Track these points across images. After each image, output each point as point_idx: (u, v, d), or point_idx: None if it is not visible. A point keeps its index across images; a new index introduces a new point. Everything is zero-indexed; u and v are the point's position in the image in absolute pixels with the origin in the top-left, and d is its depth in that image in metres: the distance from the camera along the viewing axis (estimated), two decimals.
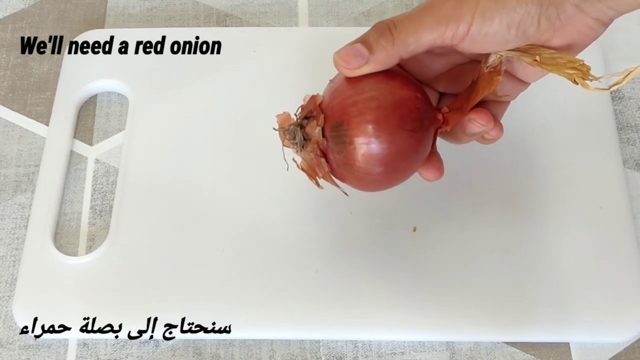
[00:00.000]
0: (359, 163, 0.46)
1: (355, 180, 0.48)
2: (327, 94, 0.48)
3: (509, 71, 0.48)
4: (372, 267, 0.54)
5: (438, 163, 0.50)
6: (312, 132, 0.47)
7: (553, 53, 0.46)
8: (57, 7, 0.68)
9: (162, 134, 0.60)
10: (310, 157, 0.48)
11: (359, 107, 0.46)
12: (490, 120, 0.48)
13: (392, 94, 0.46)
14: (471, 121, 0.48)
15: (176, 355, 0.53)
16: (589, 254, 0.54)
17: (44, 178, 0.58)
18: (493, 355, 0.52)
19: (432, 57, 0.49)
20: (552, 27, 0.45)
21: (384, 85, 0.46)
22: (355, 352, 0.53)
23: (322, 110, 0.47)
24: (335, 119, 0.46)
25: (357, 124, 0.46)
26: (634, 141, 0.60)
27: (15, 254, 0.57)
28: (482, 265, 0.54)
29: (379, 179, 0.48)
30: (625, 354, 0.52)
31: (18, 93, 0.64)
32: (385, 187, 0.49)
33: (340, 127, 0.46)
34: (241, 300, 0.53)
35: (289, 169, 0.49)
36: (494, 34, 0.45)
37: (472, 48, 0.46)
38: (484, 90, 0.47)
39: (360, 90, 0.46)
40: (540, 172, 0.57)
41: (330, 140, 0.47)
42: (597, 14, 0.45)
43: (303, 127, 0.47)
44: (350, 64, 0.46)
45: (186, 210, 0.57)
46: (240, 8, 0.67)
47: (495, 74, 0.47)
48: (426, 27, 0.45)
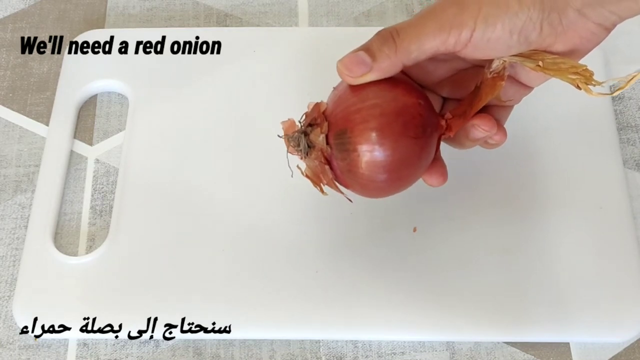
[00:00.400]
0: (362, 170, 0.46)
1: (359, 187, 0.48)
2: (330, 101, 0.48)
3: (512, 76, 0.48)
4: (372, 267, 0.54)
5: (442, 169, 0.50)
6: (316, 140, 0.47)
7: (556, 58, 0.46)
8: (57, 7, 0.68)
9: (162, 134, 0.60)
10: (314, 164, 0.48)
11: (362, 115, 0.46)
12: (494, 126, 0.48)
13: (395, 101, 0.46)
14: (474, 127, 0.48)
15: (176, 355, 0.53)
16: (589, 254, 0.54)
17: (44, 178, 0.58)
18: (493, 355, 0.52)
19: (435, 63, 0.49)
20: (554, 33, 0.45)
21: (387, 93, 0.46)
22: (355, 352, 0.53)
23: (325, 118, 0.47)
24: (338, 126, 0.47)
25: (361, 131, 0.46)
26: (634, 141, 0.60)
27: (15, 254, 0.57)
28: (482, 265, 0.54)
29: (383, 186, 0.48)
30: (625, 354, 0.52)
31: (18, 93, 0.64)
32: (389, 194, 0.49)
33: (344, 134, 0.46)
34: (241, 300, 0.53)
35: (293, 175, 0.50)
36: (496, 39, 0.45)
37: (475, 54, 0.46)
38: (487, 96, 0.47)
39: (363, 97, 0.46)
40: (540, 172, 0.57)
41: (334, 147, 0.47)
42: (599, 19, 0.45)
43: (307, 134, 0.47)
44: (354, 72, 0.46)
45: (186, 210, 0.57)
46: (240, 8, 0.67)
47: (498, 79, 0.47)
48: (429, 34, 0.45)
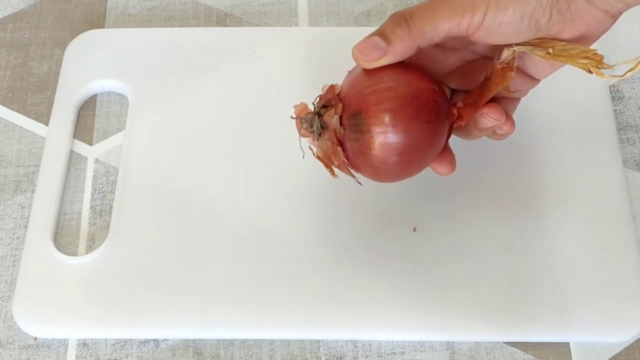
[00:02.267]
0: (375, 152, 0.47)
1: (370, 169, 0.48)
2: (345, 84, 0.48)
3: (520, 67, 0.49)
4: (372, 267, 0.54)
5: (451, 157, 0.50)
6: (329, 121, 0.47)
7: (565, 45, 0.46)
8: (57, 7, 0.68)
9: (162, 134, 0.60)
10: (326, 146, 0.48)
11: (377, 97, 0.47)
12: (503, 115, 0.49)
13: (409, 85, 0.47)
14: (484, 116, 0.49)
15: (176, 355, 0.53)
16: (589, 254, 0.54)
17: (44, 178, 0.58)
18: (493, 355, 0.52)
19: (445, 53, 0.50)
20: (562, 19, 0.46)
21: (401, 77, 0.47)
22: (355, 352, 0.53)
23: (340, 100, 0.48)
24: (353, 107, 0.47)
25: (375, 112, 0.46)
26: (634, 141, 0.60)
27: (15, 254, 0.57)
28: (482, 265, 0.54)
29: (394, 169, 0.48)
30: (625, 354, 0.52)
31: (18, 93, 0.64)
32: (399, 178, 0.50)
33: (359, 115, 0.47)
34: (241, 300, 0.53)
35: (304, 156, 0.50)
36: (507, 23, 0.46)
37: (486, 38, 0.47)
38: (497, 86, 0.48)
39: (378, 80, 0.47)
40: (540, 172, 0.57)
41: (348, 128, 0.47)
42: (606, 7, 0.46)
43: (321, 115, 0.48)
44: (369, 56, 0.47)
45: (186, 210, 0.57)
46: (240, 8, 0.67)
47: (507, 69, 0.47)
48: (442, 17, 0.46)
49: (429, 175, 0.53)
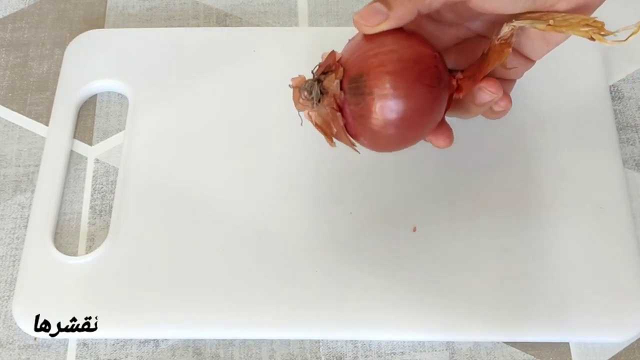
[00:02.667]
0: (376, 115, 0.47)
1: (369, 135, 0.48)
2: (346, 51, 0.49)
3: (516, 48, 0.49)
4: (372, 267, 0.54)
5: (448, 131, 0.51)
6: (329, 86, 0.47)
7: (565, 15, 0.47)
8: (57, 7, 0.68)
9: (162, 133, 0.60)
10: (325, 112, 0.48)
11: (379, 59, 0.47)
12: (500, 89, 0.49)
13: (411, 49, 0.47)
14: (481, 89, 0.49)
15: (176, 355, 0.53)
16: (588, 254, 0.54)
17: (43, 178, 0.58)
18: (493, 355, 0.52)
19: (442, 29, 0.51)
20: None
21: (403, 42, 0.47)
22: (355, 352, 0.53)
23: (341, 65, 0.48)
24: (355, 70, 0.47)
25: (377, 74, 0.46)
26: (634, 141, 0.60)
27: (15, 254, 0.57)
28: (482, 265, 0.54)
29: (394, 134, 0.48)
30: (625, 354, 0.52)
31: (18, 93, 0.64)
32: (396, 146, 0.50)
33: (360, 78, 0.47)
34: (241, 299, 0.53)
35: (302, 123, 0.49)
36: None
37: (484, 5, 0.47)
38: (495, 62, 0.48)
39: (380, 44, 0.47)
40: (540, 172, 0.57)
41: (348, 92, 0.47)
42: None
43: (320, 81, 0.48)
44: (370, 21, 0.47)
45: (186, 210, 0.57)
46: (240, 8, 0.67)
47: (505, 45, 0.48)
48: None
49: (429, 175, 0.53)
